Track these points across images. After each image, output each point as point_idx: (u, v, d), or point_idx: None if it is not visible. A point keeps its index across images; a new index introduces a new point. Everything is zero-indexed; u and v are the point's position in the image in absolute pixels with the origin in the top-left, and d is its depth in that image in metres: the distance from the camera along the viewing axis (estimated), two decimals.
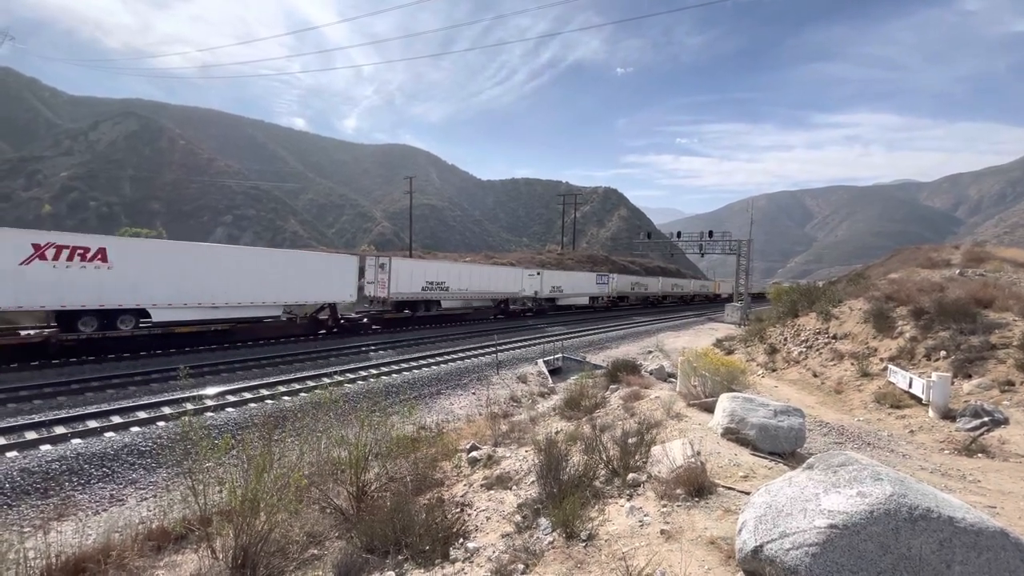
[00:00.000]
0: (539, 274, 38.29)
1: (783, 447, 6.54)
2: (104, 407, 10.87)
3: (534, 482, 6.17)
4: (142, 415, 10.57)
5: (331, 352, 18.38)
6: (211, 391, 12.40)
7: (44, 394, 11.61)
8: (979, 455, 8.38)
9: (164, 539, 6.09)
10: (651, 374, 14.46)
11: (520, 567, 4.19)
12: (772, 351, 17.82)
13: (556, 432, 8.57)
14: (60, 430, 9.49)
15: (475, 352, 19.79)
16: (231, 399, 12.03)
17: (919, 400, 10.88)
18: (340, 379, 13.89)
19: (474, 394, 14.77)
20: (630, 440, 6.46)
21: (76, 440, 9.13)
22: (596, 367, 16.29)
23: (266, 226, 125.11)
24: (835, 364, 14.62)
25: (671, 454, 5.56)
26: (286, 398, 12.26)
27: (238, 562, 5.00)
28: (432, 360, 17.96)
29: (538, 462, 6.11)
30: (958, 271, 19.80)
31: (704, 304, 68.37)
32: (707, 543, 4.09)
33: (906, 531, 2.99)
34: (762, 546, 3.30)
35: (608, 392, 11.88)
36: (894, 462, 7.51)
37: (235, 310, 19.02)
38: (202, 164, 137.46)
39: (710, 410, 8.24)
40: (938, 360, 12.29)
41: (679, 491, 4.97)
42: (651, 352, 21.74)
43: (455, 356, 18.87)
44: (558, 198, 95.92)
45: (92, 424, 9.90)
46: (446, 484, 7.34)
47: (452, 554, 4.77)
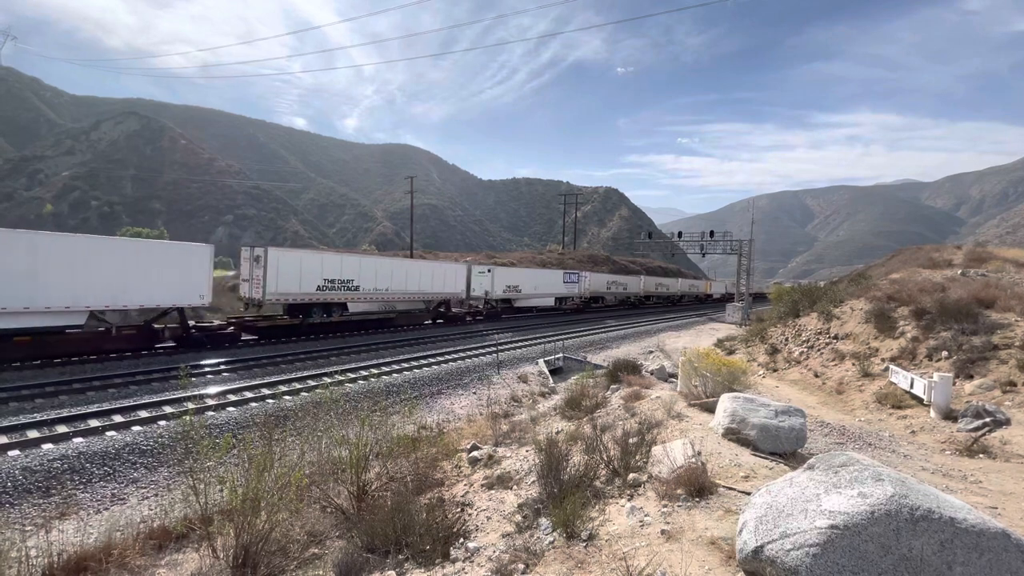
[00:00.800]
0: (490, 271, 33.11)
1: (784, 447, 6.54)
2: (106, 406, 10.88)
3: (535, 482, 6.18)
4: (144, 414, 10.58)
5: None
6: (212, 390, 12.42)
7: (46, 393, 11.63)
8: (980, 456, 8.37)
9: (165, 538, 6.11)
10: (652, 374, 14.46)
11: (521, 567, 4.20)
12: (773, 351, 17.80)
13: (557, 432, 8.57)
14: (62, 429, 9.50)
15: (476, 352, 19.80)
16: (232, 398, 12.05)
17: (920, 400, 10.87)
18: (341, 379, 13.91)
19: (475, 394, 14.77)
20: (631, 440, 6.46)
21: (78, 439, 9.14)
22: (597, 367, 16.29)
23: (267, 226, 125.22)
24: (836, 364, 14.60)
25: (672, 454, 5.56)
26: (287, 398, 12.27)
27: (239, 561, 5.01)
28: (433, 360, 17.97)
29: (539, 462, 6.11)
30: (960, 271, 19.76)
31: (693, 305, 65.25)
32: (708, 543, 4.09)
33: (907, 532, 2.99)
34: (763, 546, 3.30)
35: (609, 392, 11.88)
36: (895, 463, 7.50)
37: None
38: (203, 164, 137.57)
39: (711, 410, 8.23)
40: (940, 360, 12.28)
41: (680, 491, 4.97)
42: (652, 352, 21.74)
43: (456, 356, 18.88)
44: (559, 198, 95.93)
45: (94, 423, 9.90)
46: (447, 484, 7.34)
47: (453, 554, 4.78)
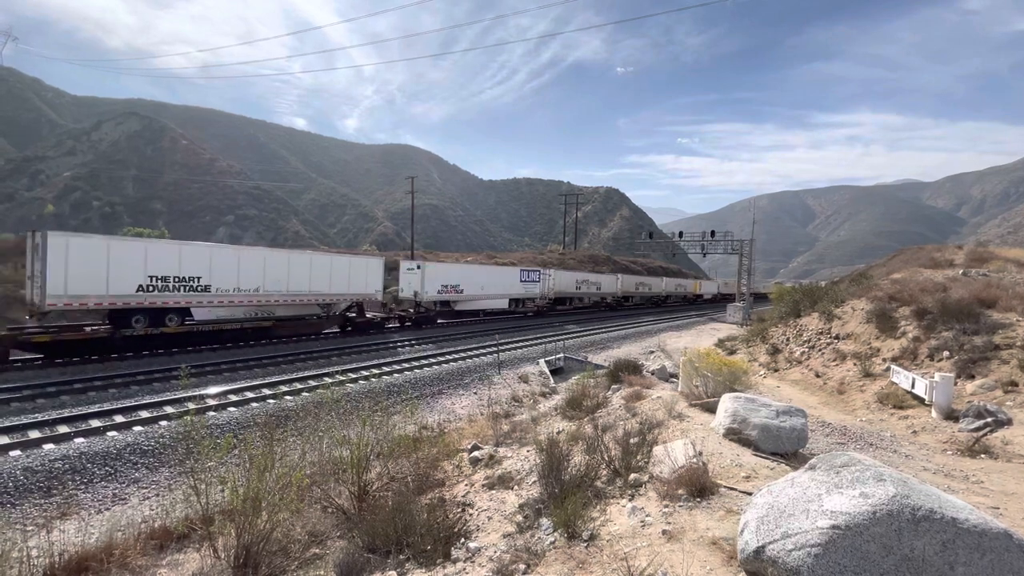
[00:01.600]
0: (419, 268, 27.45)
1: (785, 448, 6.53)
2: (107, 406, 10.90)
3: (536, 482, 6.18)
4: (145, 414, 10.60)
5: None
6: (213, 390, 12.43)
7: (47, 393, 11.64)
8: (982, 456, 8.35)
9: (166, 538, 6.11)
10: (653, 374, 14.45)
11: (521, 567, 4.19)
12: (774, 351, 17.79)
13: (558, 432, 8.57)
14: (63, 429, 9.52)
15: (477, 352, 19.80)
16: (233, 398, 12.05)
17: (922, 401, 10.85)
18: (342, 379, 13.91)
19: (476, 394, 14.77)
20: (632, 440, 6.45)
21: (79, 439, 9.16)
22: (598, 367, 16.28)
23: (268, 226, 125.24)
24: (837, 364, 14.59)
25: (673, 454, 5.55)
26: (288, 398, 12.27)
27: (240, 561, 5.01)
28: (434, 360, 17.97)
29: (540, 462, 6.11)
30: (961, 271, 19.74)
31: (681, 306, 60.64)
32: (709, 543, 4.08)
33: (909, 532, 2.98)
34: (764, 547, 3.29)
35: (610, 392, 11.87)
36: (897, 463, 7.49)
37: None
38: (204, 164, 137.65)
39: (712, 410, 8.22)
40: (941, 360, 12.26)
41: (681, 491, 4.96)
42: (653, 352, 21.74)
43: (457, 356, 18.88)
44: (560, 198, 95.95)
45: (95, 423, 9.92)
46: (447, 484, 7.34)
47: (454, 554, 4.78)
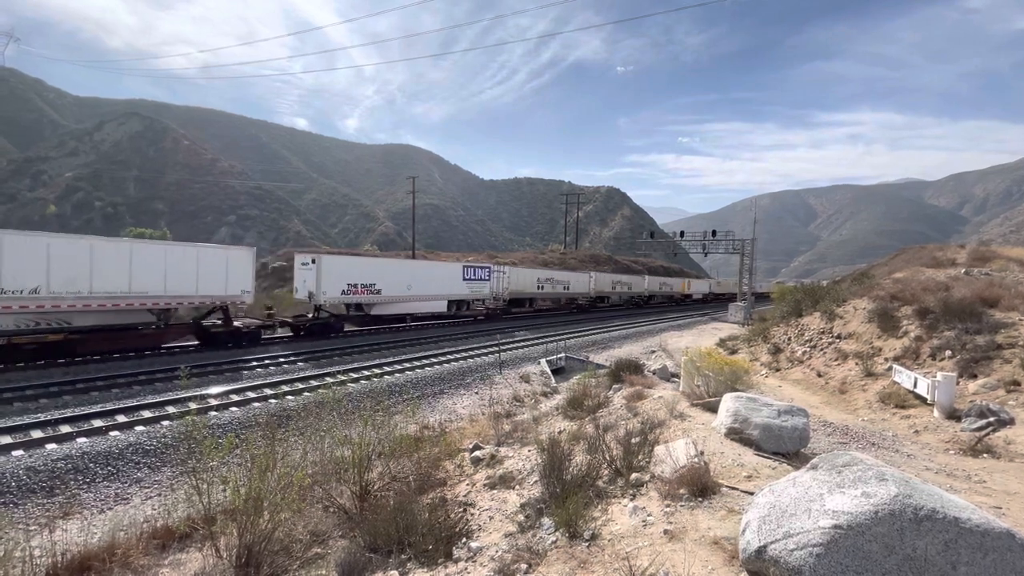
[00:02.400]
0: (313, 263, 21.48)
1: (787, 447, 6.52)
2: (109, 406, 10.92)
3: (537, 482, 6.18)
4: (147, 414, 10.61)
5: None
6: (215, 390, 12.45)
7: (50, 393, 11.67)
8: (984, 455, 8.33)
9: (169, 538, 6.12)
10: (654, 374, 14.43)
11: (523, 567, 4.19)
12: (776, 351, 17.76)
13: (559, 432, 8.57)
14: (66, 429, 9.54)
15: (478, 351, 19.81)
16: (235, 398, 12.07)
17: (924, 400, 10.83)
18: (344, 378, 13.92)
19: (477, 393, 14.78)
20: (633, 440, 6.45)
21: (81, 439, 9.18)
22: (599, 367, 16.27)
23: (269, 226, 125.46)
24: (839, 364, 14.56)
25: (674, 454, 5.55)
26: (290, 397, 12.29)
27: (242, 561, 5.02)
28: (435, 360, 17.98)
29: (541, 462, 6.11)
30: (963, 270, 19.70)
31: (669, 307, 55.28)
32: (710, 543, 4.08)
33: (911, 532, 2.97)
34: (766, 546, 3.29)
35: (611, 392, 11.86)
36: (899, 462, 7.47)
37: None
38: (206, 164, 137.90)
39: (713, 410, 8.21)
40: (943, 360, 12.23)
41: (682, 491, 4.96)
42: (654, 352, 21.71)
43: (458, 356, 18.89)
44: (561, 197, 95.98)
45: (97, 423, 9.94)
46: (449, 483, 7.34)
47: (455, 553, 4.78)
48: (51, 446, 8.80)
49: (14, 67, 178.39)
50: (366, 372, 15.38)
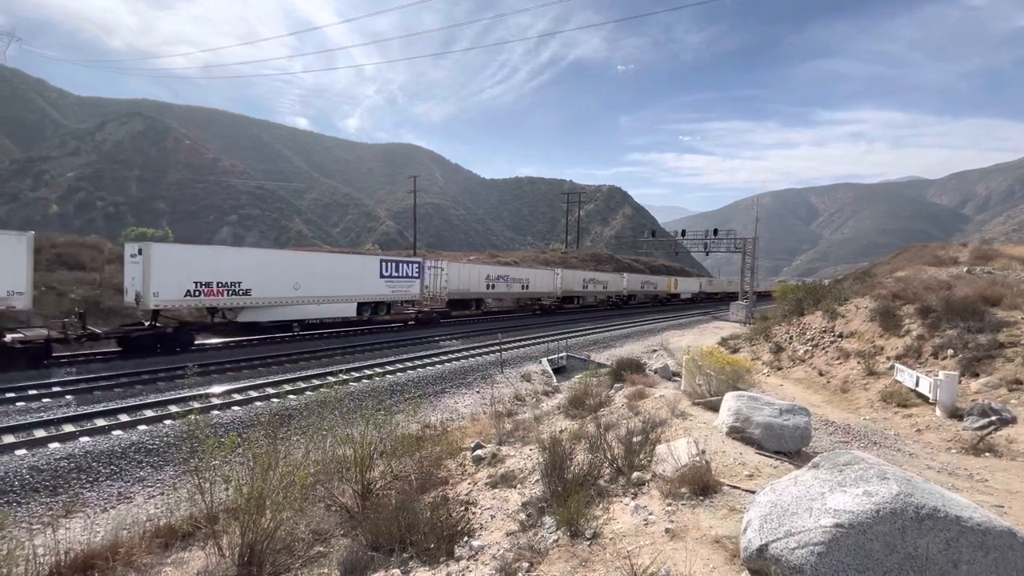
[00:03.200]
0: (140, 253, 16.35)
1: (788, 446, 6.52)
2: (112, 405, 10.95)
3: (538, 480, 6.18)
4: (149, 413, 10.64)
5: None
6: (217, 389, 12.47)
7: (52, 393, 11.71)
8: (986, 454, 8.33)
9: (171, 536, 6.14)
10: (655, 373, 14.42)
11: (524, 565, 4.20)
12: (777, 350, 17.74)
13: (560, 431, 8.56)
14: (68, 428, 9.57)
15: (479, 351, 19.82)
16: (237, 397, 12.10)
17: (926, 399, 10.82)
18: (345, 377, 13.94)
19: (478, 393, 14.78)
20: (634, 439, 6.46)
21: (84, 438, 9.21)
22: (600, 366, 16.26)
23: (271, 225, 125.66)
24: (841, 363, 14.54)
25: (676, 453, 5.55)
26: (291, 397, 12.31)
27: (244, 559, 5.04)
28: (436, 359, 18.00)
29: (542, 460, 6.11)
30: (966, 269, 19.64)
31: (648, 309, 48.92)
32: (712, 542, 4.08)
33: (912, 530, 2.98)
34: (767, 545, 3.29)
35: (612, 391, 11.86)
36: (900, 461, 7.46)
37: None
38: (207, 164, 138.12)
39: (715, 409, 8.21)
40: (945, 359, 12.21)
41: (684, 490, 4.97)
42: (655, 351, 21.70)
43: (459, 355, 18.90)
44: (562, 196, 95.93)
45: (100, 422, 9.97)
46: (451, 482, 7.35)
47: (457, 552, 4.79)
48: (54, 445, 8.83)
49: (16, 67, 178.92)
50: (368, 371, 15.41)
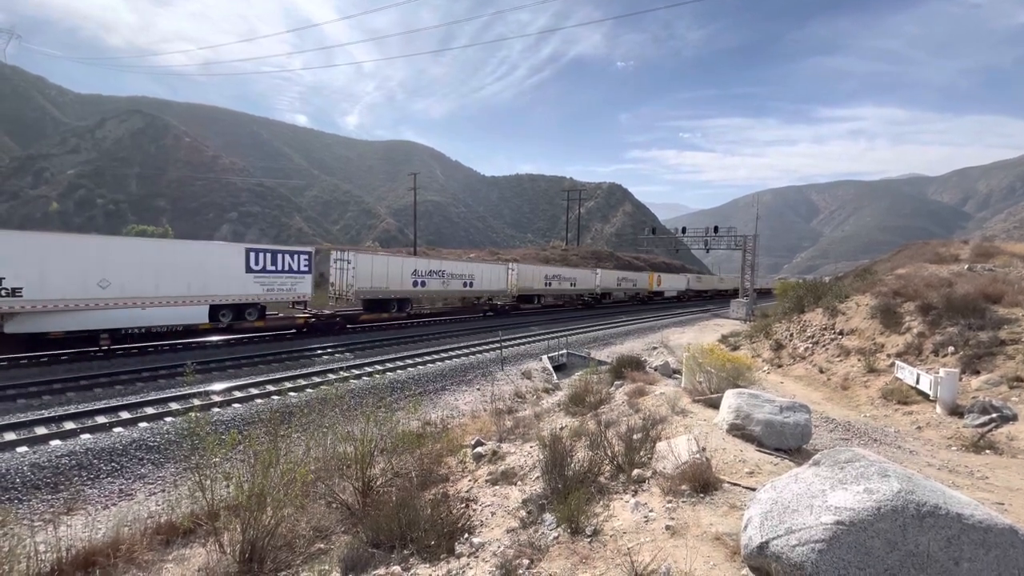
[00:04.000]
0: None
1: (789, 443, 6.52)
2: (113, 403, 10.97)
3: (539, 478, 6.19)
4: (150, 411, 10.66)
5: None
6: (218, 387, 12.48)
7: (53, 390, 11.72)
8: (987, 451, 8.32)
9: (172, 533, 6.16)
10: (656, 370, 14.42)
11: (525, 562, 4.20)
12: (778, 347, 17.74)
13: (561, 428, 8.57)
14: (69, 425, 9.59)
15: (479, 348, 19.82)
16: (238, 395, 12.10)
17: (927, 396, 10.81)
18: (346, 375, 13.95)
19: (479, 390, 14.79)
20: (635, 436, 6.46)
21: (85, 435, 9.22)
22: (601, 363, 16.27)
23: (271, 223, 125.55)
24: (841, 360, 14.53)
25: (676, 450, 5.55)
26: (292, 394, 12.32)
27: (246, 556, 5.04)
28: (437, 356, 18.00)
29: (543, 458, 6.12)
30: (967, 266, 19.61)
31: (624, 308, 44.08)
32: (712, 539, 4.09)
33: (913, 528, 2.97)
34: (768, 542, 3.29)
35: (613, 388, 11.86)
36: (901, 458, 7.46)
37: None
38: (207, 161, 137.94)
39: (715, 406, 8.21)
40: (946, 356, 12.20)
41: (684, 487, 4.97)
42: (656, 348, 21.71)
43: (460, 352, 18.91)
44: (562, 194, 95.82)
45: (101, 419, 9.98)
46: (451, 479, 7.36)
47: (457, 549, 4.79)
48: (55, 442, 8.84)
49: (16, 65, 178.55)
50: (369, 370, 15.41)
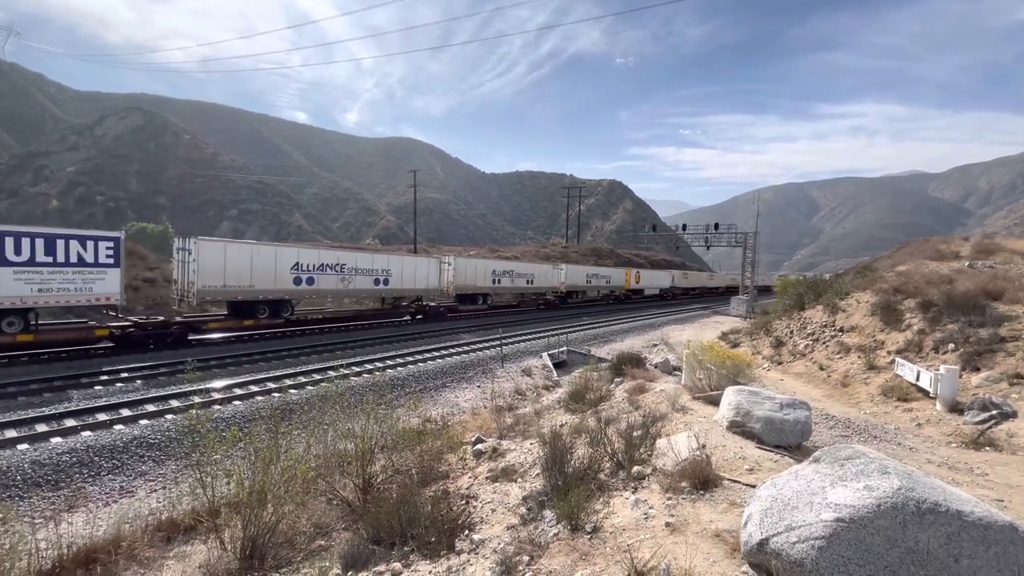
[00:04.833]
0: None
1: (789, 440, 6.52)
2: (114, 400, 10.98)
3: (539, 474, 6.19)
4: (151, 408, 10.66)
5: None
6: (218, 384, 12.49)
7: (54, 387, 11.73)
8: (987, 448, 8.33)
9: (173, 530, 6.17)
10: (656, 367, 14.42)
11: (525, 559, 4.21)
12: (778, 344, 17.73)
13: (561, 425, 8.58)
14: (70, 423, 9.59)
15: (480, 346, 19.83)
16: (238, 392, 12.12)
17: (927, 393, 10.81)
18: (347, 372, 13.95)
19: (479, 387, 14.80)
20: (635, 433, 6.46)
21: (86, 432, 9.23)
22: (601, 360, 16.27)
23: (271, 220, 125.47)
24: (842, 357, 14.53)
25: (676, 447, 5.56)
26: (292, 391, 12.32)
27: (246, 553, 5.06)
28: (437, 353, 18.01)
29: (543, 455, 6.12)
30: (967, 263, 19.58)
31: (591, 308, 37.07)
32: (712, 536, 4.09)
33: (913, 525, 2.97)
34: (768, 539, 3.30)
35: (613, 385, 11.87)
36: (901, 455, 7.47)
37: None
38: (207, 158, 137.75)
39: (715, 403, 8.22)
40: (946, 353, 12.19)
41: (684, 484, 4.97)
42: (656, 345, 21.72)
43: (460, 350, 18.91)
44: (563, 191, 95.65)
45: (102, 417, 9.99)
46: (451, 476, 7.37)
47: (458, 546, 4.80)
48: (56, 440, 8.85)
49: (15, 62, 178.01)
50: (368, 366, 15.42)
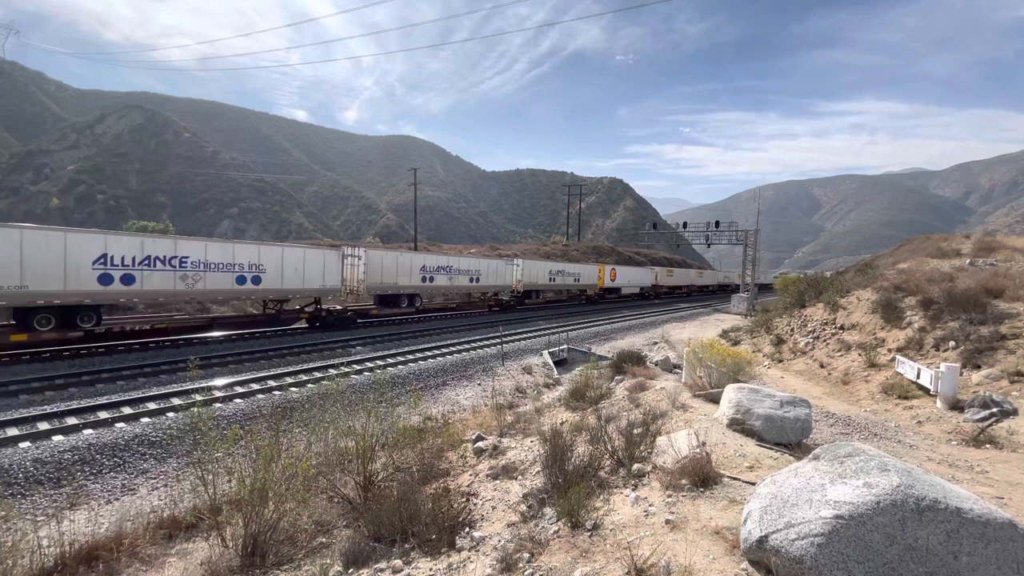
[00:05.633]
0: None
1: (789, 438, 6.53)
2: (115, 398, 11.00)
3: (539, 472, 6.21)
4: (152, 406, 10.68)
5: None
6: (219, 382, 12.51)
7: (55, 385, 11.76)
8: (987, 446, 8.34)
9: (175, 528, 6.19)
10: (656, 365, 14.44)
11: (525, 556, 4.22)
12: (778, 342, 17.74)
13: (561, 423, 8.59)
14: (72, 421, 9.61)
15: (480, 343, 19.84)
16: (239, 390, 12.13)
17: (927, 391, 10.81)
18: (347, 370, 13.97)
19: (480, 385, 14.81)
20: (635, 431, 6.47)
21: (88, 430, 9.26)
22: (601, 358, 16.28)
23: (272, 218, 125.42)
24: (842, 355, 14.54)
25: (676, 445, 5.56)
26: (293, 389, 12.34)
27: (248, 550, 5.08)
28: (438, 352, 18.02)
29: (543, 452, 6.14)
30: (968, 261, 19.56)
31: (546, 312, 32.62)
32: (712, 533, 4.10)
33: (913, 522, 2.98)
34: (767, 536, 3.30)
35: (613, 383, 11.88)
36: (901, 453, 7.48)
37: None
38: (207, 157, 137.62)
39: (716, 401, 8.23)
40: (947, 351, 12.19)
41: (684, 481, 4.98)
42: (656, 343, 21.73)
43: (460, 348, 18.92)
44: (563, 189, 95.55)
45: (103, 415, 10.01)
46: (452, 474, 7.38)
47: (458, 543, 4.81)
48: (58, 438, 8.88)
49: (15, 60, 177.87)
50: (369, 364, 15.44)
